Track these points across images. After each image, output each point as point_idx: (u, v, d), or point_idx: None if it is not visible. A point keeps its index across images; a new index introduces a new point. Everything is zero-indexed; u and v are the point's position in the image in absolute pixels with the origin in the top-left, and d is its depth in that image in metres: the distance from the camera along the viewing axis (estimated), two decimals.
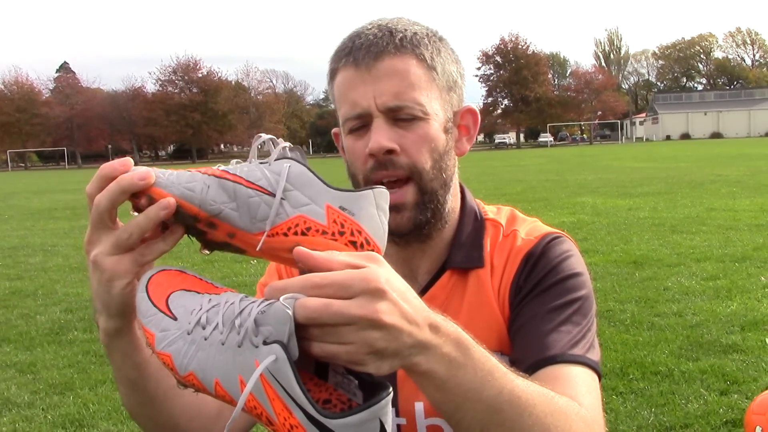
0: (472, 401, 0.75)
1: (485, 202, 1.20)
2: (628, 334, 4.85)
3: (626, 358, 4.36)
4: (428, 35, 1.05)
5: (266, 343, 0.64)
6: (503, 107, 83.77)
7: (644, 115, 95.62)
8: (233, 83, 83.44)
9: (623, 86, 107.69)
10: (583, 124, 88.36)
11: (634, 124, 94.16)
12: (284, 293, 0.65)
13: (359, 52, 1.01)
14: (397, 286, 0.68)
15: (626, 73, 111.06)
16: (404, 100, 1.00)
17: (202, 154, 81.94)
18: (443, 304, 1.07)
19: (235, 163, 0.79)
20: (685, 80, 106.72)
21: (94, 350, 5.05)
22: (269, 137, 0.79)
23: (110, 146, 76.97)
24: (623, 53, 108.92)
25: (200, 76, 79.30)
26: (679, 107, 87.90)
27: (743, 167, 21.16)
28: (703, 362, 4.22)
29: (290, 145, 0.78)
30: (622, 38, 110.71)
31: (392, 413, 1.02)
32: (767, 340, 4.57)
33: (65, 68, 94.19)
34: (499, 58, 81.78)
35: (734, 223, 9.54)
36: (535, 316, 1.01)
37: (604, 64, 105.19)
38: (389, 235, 0.80)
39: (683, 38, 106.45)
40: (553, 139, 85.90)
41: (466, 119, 1.12)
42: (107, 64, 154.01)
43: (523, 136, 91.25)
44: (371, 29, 1.03)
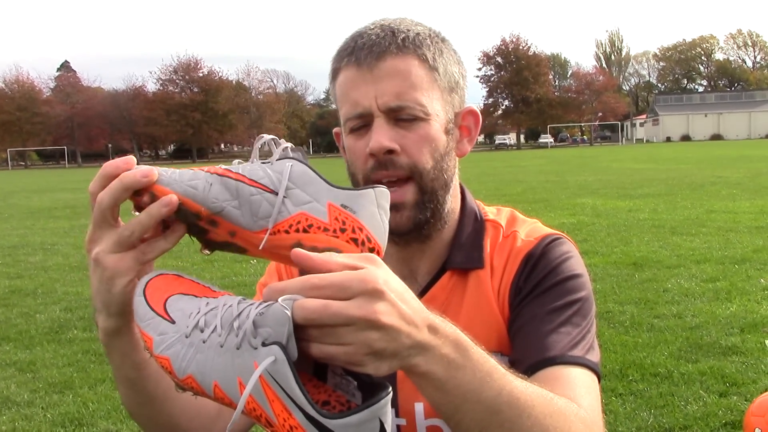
0: (471, 402, 0.75)
1: (485, 203, 1.19)
2: (627, 335, 4.85)
3: (626, 359, 4.36)
4: (431, 36, 1.05)
5: (265, 344, 0.64)
6: (504, 108, 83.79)
7: (645, 116, 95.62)
8: (234, 83, 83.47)
9: (624, 87, 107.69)
10: (583, 125, 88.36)
11: (634, 125, 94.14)
12: (283, 294, 0.65)
13: (361, 51, 1.01)
14: (395, 287, 0.68)
15: (627, 74, 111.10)
16: (405, 100, 1.00)
17: (202, 153, 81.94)
18: (443, 304, 1.07)
19: (237, 163, 0.79)
20: (685, 82, 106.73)
21: (93, 349, 5.05)
22: (271, 137, 0.79)
23: (111, 145, 76.97)
24: (624, 54, 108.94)
25: (201, 75, 79.32)
26: (679, 109, 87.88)
27: (743, 169, 21.15)
28: (702, 364, 4.22)
29: (292, 145, 0.78)
30: (623, 39, 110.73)
31: (392, 414, 1.02)
32: (767, 342, 4.57)
33: (66, 67, 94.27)
34: (500, 58, 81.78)
35: (734, 225, 9.53)
36: (534, 317, 1.01)
37: (604, 65, 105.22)
38: (389, 234, 0.80)
39: (684, 40, 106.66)
40: (553, 140, 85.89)
41: (467, 120, 1.12)
42: (108, 63, 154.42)
43: (523, 137, 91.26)
44: (374, 29, 1.03)
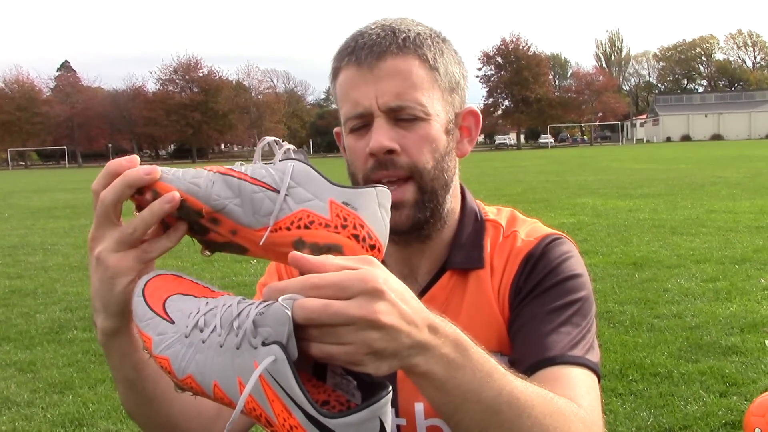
0: (471, 402, 0.75)
1: (485, 203, 1.19)
2: (627, 335, 4.85)
3: (626, 359, 4.36)
4: (431, 36, 1.04)
5: (265, 344, 0.64)
6: (504, 108, 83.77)
7: (645, 116, 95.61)
8: (234, 83, 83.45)
9: (624, 88, 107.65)
10: (583, 125, 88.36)
11: (634, 125, 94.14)
12: (283, 294, 0.65)
13: (362, 51, 1.01)
14: (395, 286, 0.68)
15: (627, 74, 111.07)
16: (406, 100, 1.00)
17: (202, 153, 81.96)
18: (443, 304, 1.06)
19: (239, 165, 0.80)
20: (685, 82, 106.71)
21: (93, 349, 5.05)
22: (273, 139, 0.80)
23: (110, 145, 76.96)
24: (624, 54, 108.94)
25: (201, 75, 79.29)
26: (679, 109, 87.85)
27: (743, 169, 21.16)
28: (702, 364, 4.22)
29: (294, 147, 0.79)
30: (623, 39, 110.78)
31: (392, 413, 1.02)
32: (767, 342, 4.57)
33: (66, 67, 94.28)
34: (500, 58, 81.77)
35: (734, 225, 9.54)
36: (534, 317, 1.01)
37: (604, 65, 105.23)
38: (389, 234, 0.80)
39: (684, 40, 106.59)
40: (553, 140, 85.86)
41: (467, 121, 1.12)
42: (108, 63, 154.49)
43: (523, 137, 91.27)
44: (375, 29, 1.03)
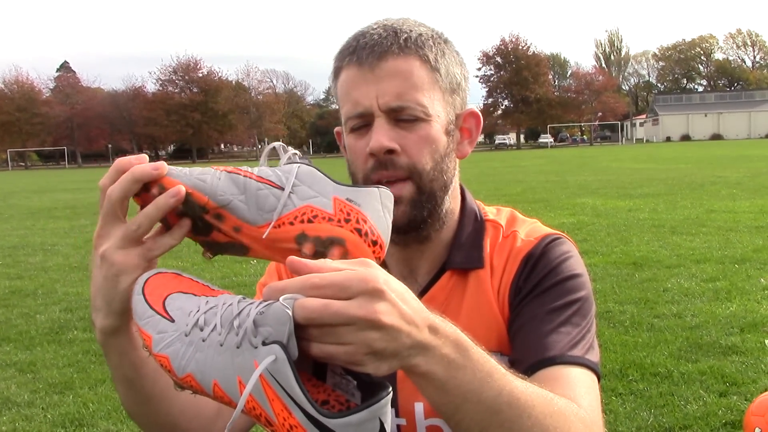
0: (471, 402, 0.75)
1: (485, 203, 1.19)
2: (627, 335, 4.85)
3: (625, 359, 4.36)
4: (433, 37, 1.04)
5: (265, 343, 0.64)
6: (503, 108, 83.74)
7: (644, 116, 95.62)
8: (233, 83, 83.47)
9: (623, 87, 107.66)
10: (583, 125, 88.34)
11: (634, 125, 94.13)
12: (283, 294, 0.65)
13: (363, 51, 1.01)
14: (395, 287, 0.68)
15: (626, 74, 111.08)
16: (406, 100, 1.00)
17: (202, 153, 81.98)
18: (443, 304, 1.06)
19: (246, 167, 0.82)
20: (685, 81, 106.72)
21: (93, 350, 5.05)
22: (280, 144, 0.82)
23: (110, 146, 76.98)
24: (624, 54, 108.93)
25: (200, 75, 79.31)
26: (679, 109, 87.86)
27: (743, 169, 21.15)
28: (702, 364, 4.22)
29: (299, 153, 0.81)
30: (622, 39, 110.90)
31: (392, 413, 1.02)
32: (767, 341, 4.57)
33: (65, 67, 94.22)
34: (499, 58, 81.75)
35: (734, 224, 9.53)
36: (534, 316, 1.01)
37: (604, 65, 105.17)
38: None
39: (684, 39, 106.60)
40: (553, 140, 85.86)
41: (468, 122, 1.11)
42: (108, 63, 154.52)
43: (523, 137, 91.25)
44: (376, 29, 1.03)
